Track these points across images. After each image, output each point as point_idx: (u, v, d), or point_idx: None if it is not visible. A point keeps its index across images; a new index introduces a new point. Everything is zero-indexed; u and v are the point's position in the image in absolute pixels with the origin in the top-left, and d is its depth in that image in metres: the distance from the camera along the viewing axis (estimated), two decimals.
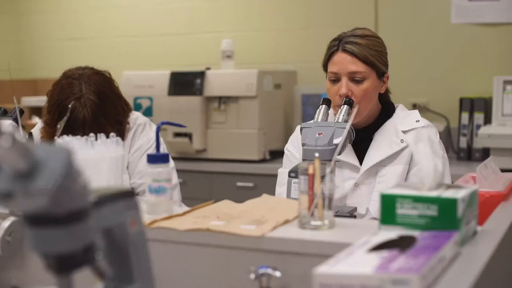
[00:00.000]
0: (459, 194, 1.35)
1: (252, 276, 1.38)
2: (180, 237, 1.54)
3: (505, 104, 3.69)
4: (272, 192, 3.87)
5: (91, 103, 2.34)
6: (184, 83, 4.14)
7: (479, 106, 3.84)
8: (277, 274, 1.38)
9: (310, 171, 1.52)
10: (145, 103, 4.16)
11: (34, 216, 1.00)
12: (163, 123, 1.79)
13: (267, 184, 3.99)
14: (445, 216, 1.33)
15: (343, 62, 2.23)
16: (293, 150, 2.41)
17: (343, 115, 2.15)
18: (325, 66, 2.33)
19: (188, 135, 4.10)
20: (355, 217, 2.09)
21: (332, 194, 1.54)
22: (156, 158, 1.68)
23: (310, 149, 2.05)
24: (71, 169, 0.96)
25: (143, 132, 2.59)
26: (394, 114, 2.34)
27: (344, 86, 2.21)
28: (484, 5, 4.01)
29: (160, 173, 1.67)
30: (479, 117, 3.84)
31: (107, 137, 1.89)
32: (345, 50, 2.24)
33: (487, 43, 4.05)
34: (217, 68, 4.35)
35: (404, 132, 2.27)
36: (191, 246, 1.54)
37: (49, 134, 2.35)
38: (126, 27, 5.04)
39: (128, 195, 1.17)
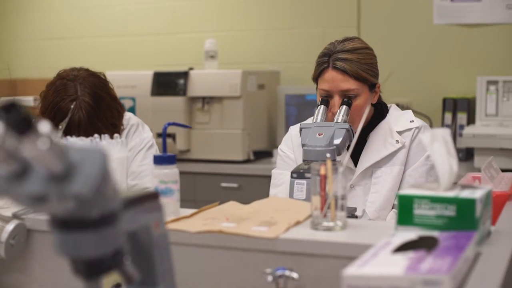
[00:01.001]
0: (476, 194, 1.35)
1: (270, 278, 1.37)
2: (191, 239, 1.52)
3: (488, 104, 3.72)
4: (257, 192, 3.88)
5: (86, 105, 2.31)
6: (167, 83, 4.11)
7: (462, 106, 3.87)
8: (294, 275, 1.37)
9: (322, 172, 1.52)
10: (128, 104, 4.12)
11: (64, 219, 0.98)
12: (169, 124, 1.77)
13: (251, 185, 3.99)
14: (463, 216, 1.33)
15: (335, 80, 2.19)
16: (287, 151, 2.39)
17: (342, 116, 2.15)
18: (315, 80, 2.29)
19: (172, 136, 4.07)
20: (356, 217, 2.09)
21: (345, 194, 1.53)
22: (162, 160, 1.66)
23: (311, 149, 2.05)
24: (106, 172, 0.94)
25: (135, 132, 2.57)
26: (387, 114, 2.34)
27: (336, 104, 2.19)
28: (466, 5, 4.04)
29: (167, 174, 1.66)
30: (462, 117, 3.86)
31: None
32: (335, 68, 2.19)
33: (470, 44, 4.08)
34: (200, 68, 4.33)
35: (399, 132, 2.27)
36: (202, 248, 1.53)
37: None
38: (108, 26, 4.99)
39: (152, 197, 1.15)
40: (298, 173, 1.97)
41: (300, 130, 2.16)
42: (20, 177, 0.93)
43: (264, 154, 4.22)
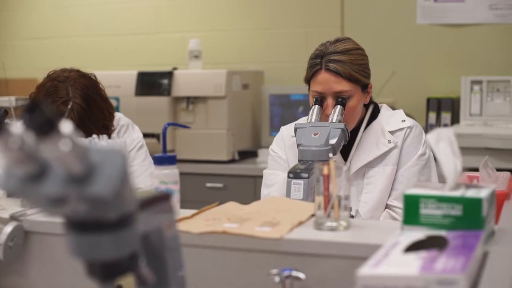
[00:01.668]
0: (482, 193, 1.36)
1: (277, 278, 1.36)
2: (194, 240, 1.51)
3: (472, 104, 3.75)
4: (242, 192, 3.89)
5: (78, 107, 2.28)
6: (152, 83, 4.09)
7: (446, 106, 3.90)
8: (301, 275, 1.37)
9: (325, 171, 1.51)
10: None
11: (80, 221, 0.97)
12: (169, 124, 1.76)
13: (236, 185, 3.98)
14: (470, 216, 1.34)
15: (328, 82, 2.18)
16: (279, 151, 2.39)
17: (337, 115, 2.14)
18: (307, 82, 2.29)
19: (156, 136, 4.05)
20: (352, 216, 2.09)
21: (348, 194, 1.53)
22: (162, 160, 1.65)
23: (306, 149, 2.05)
24: (125, 173, 0.92)
25: (126, 133, 2.55)
26: (379, 114, 2.34)
27: (330, 106, 2.18)
28: (449, 6, 4.07)
29: (167, 175, 1.64)
30: (446, 116, 3.89)
31: None
32: (328, 70, 2.18)
33: (453, 44, 4.11)
34: (184, 68, 4.31)
35: (391, 132, 2.28)
36: (206, 249, 1.52)
37: None
38: (91, 26, 4.95)
39: (164, 198, 1.14)
40: (294, 173, 1.97)
41: (295, 130, 2.15)
42: (38, 178, 0.92)
43: (249, 154, 4.21)
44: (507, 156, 3.42)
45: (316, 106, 2.20)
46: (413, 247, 1.22)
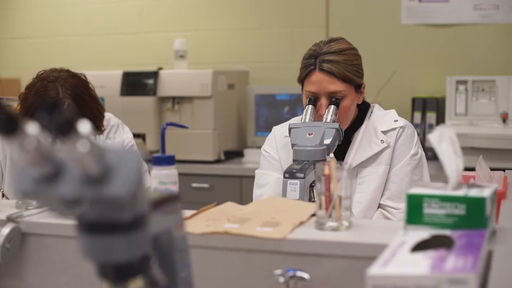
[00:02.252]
0: (485, 193, 1.37)
1: (282, 279, 1.36)
2: (196, 240, 1.50)
3: (458, 104, 3.78)
4: (228, 192, 3.88)
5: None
6: (137, 83, 4.07)
7: (431, 106, 3.92)
8: (306, 276, 1.37)
9: (326, 172, 1.51)
10: None
11: (94, 223, 0.96)
12: (167, 124, 1.75)
13: (222, 185, 3.98)
14: (473, 215, 1.34)
15: (322, 82, 2.18)
16: (271, 151, 2.38)
17: (331, 115, 2.15)
18: (300, 82, 2.28)
19: (142, 136, 4.03)
20: None
21: (349, 194, 1.53)
22: (161, 160, 1.64)
23: (301, 149, 2.05)
24: (140, 174, 0.92)
25: (116, 133, 2.54)
26: (371, 114, 2.35)
27: (324, 106, 2.19)
28: (433, 6, 4.10)
29: (166, 175, 1.64)
30: (431, 116, 3.91)
31: None
32: (322, 70, 2.18)
33: (438, 44, 4.14)
34: (168, 68, 4.30)
35: (384, 132, 2.28)
36: (207, 250, 1.51)
37: None
38: (74, 26, 4.92)
39: (173, 199, 1.13)
40: (290, 173, 1.97)
41: (289, 130, 2.15)
42: (53, 179, 0.90)
43: (235, 154, 4.21)
44: (493, 155, 3.45)
45: (310, 106, 2.20)
46: (419, 247, 1.23)
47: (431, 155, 3.85)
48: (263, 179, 2.35)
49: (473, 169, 3.40)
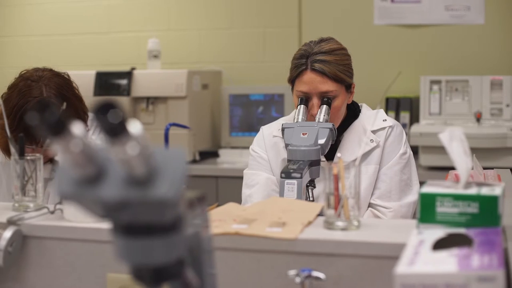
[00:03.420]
0: (496, 191, 1.39)
1: (298, 279, 1.36)
2: None
3: (432, 104, 3.82)
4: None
5: None
6: (110, 83, 4.03)
7: (405, 106, 3.96)
8: (321, 275, 1.37)
9: (335, 171, 1.52)
10: None
11: (132, 225, 0.95)
12: (171, 125, 1.74)
13: (198, 185, 3.95)
14: (486, 213, 1.36)
15: (313, 82, 2.19)
16: (260, 151, 2.38)
17: (323, 115, 2.16)
18: (291, 82, 2.28)
19: None
20: None
21: (358, 193, 1.54)
22: None
23: (296, 149, 2.05)
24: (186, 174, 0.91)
25: (100, 133, 2.50)
26: (360, 114, 2.37)
27: (315, 106, 2.19)
28: (406, 7, 4.14)
29: None
30: (405, 116, 3.95)
31: None
32: (314, 70, 2.19)
33: (410, 44, 4.18)
34: (141, 68, 4.26)
35: (373, 132, 2.30)
36: (218, 251, 1.50)
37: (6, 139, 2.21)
38: (44, 25, 4.84)
39: (200, 199, 1.12)
40: (287, 173, 1.97)
41: (283, 130, 2.15)
42: (95, 181, 0.89)
43: (210, 155, 4.19)
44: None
45: (302, 106, 2.20)
46: (437, 245, 1.24)
47: None
48: (252, 179, 2.34)
49: (451, 168, 3.45)
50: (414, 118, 3.95)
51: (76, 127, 0.86)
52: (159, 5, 4.63)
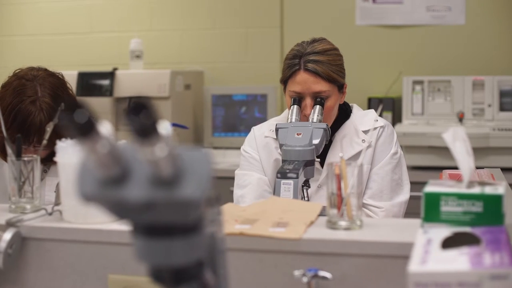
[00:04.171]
0: (499, 190, 1.40)
1: (305, 279, 1.36)
2: None
3: (414, 104, 3.86)
4: None
5: (47, 106, 2.20)
6: (93, 83, 4.01)
7: (387, 106, 3.99)
8: (328, 275, 1.38)
9: (337, 171, 1.53)
10: None
11: (153, 225, 0.94)
12: (172, 125, 1.73)
13: None
14: (490, 212, 1.37)
15: (307, 82, 2.20)
16: (252, 151, 2.38)
17: (317, 115, 2.16)
18: (284, 82, 2.29)
19: None
20: None
21: (361, 193, 1.55)
22: None
23: (290, 149, 2.06)
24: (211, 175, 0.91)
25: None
26: (351, 114, 2.38)
27: (309, 106, 2.20)
28: (388, 7, 4.17)
29: None
30: (387, 116, 3.98)
31: None
32: (307, 70, 2.20)
33: (392, 45, 4.21)
34: (123, 68, 4.24)
35: (365, 132, 2.31)
36: None
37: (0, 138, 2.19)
38: (23, 25, 4.79)
39: (215, 200, 1.12)
40: (283, 173, 1.97)
41: (277, 130, 2.16)
42: (119, 181, 0.88)
43: None
44: (450, 154, 3.53)
45: (295, 106, 2.21)
46: (454, 244, 1.25)
47: None
48: (244, 180, 2.34)
49: (434, 168, 3.48)
50: (397, 118, 3.97)
51: (104, 127, 0.86)
52: (140, 5, 4.61)
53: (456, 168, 2.26)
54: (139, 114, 0.80)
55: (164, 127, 0.83)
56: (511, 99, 3.73)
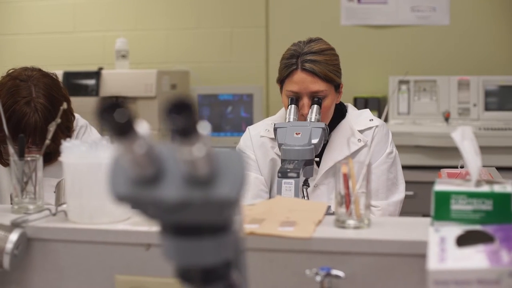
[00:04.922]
0: (508, 188, 1.42)
1: (318, 278, 1.37)
2: None
3: (400, 103, 3.88)
4: None
5: (42, 107, 2.18)
6: (79, 83, 3.98)
7: (373, 105, 4.01)
8: (341, 274, 1.38)
9: (345, 170, 1.54)
10: None
11: (183, 225, 0.94)
12: None
13: None
14: (500, 210, 1.39)
15: (304, 82, 2.21)
16: (248, 151, 2.38)
17: (315, 115, 2.17)
18: (281, 82, 2.29)
19: None
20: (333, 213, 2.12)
21: (370, 192, 1.56)
22: None
23: (290, 149, 2.06)
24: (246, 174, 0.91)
25: (84, 134, 2.47)
26: (347, 113, 2.39)
27: (306, 106, 2.21)
28: (372, 7, 4.20)
29: None
30: None
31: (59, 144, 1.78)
32: (305, 69, 2.21)
33: (377, 45, 4.24)
34: (108, 68, 4.22)
35: (360, 131, 2.33)
36: None
37: None
38: (6, 24, 4.74)
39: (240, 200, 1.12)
40: (284, 173, 1.98)
41: (275, 130, 2.16)
42: (153, 182, 0.88)
43: None
44: (437, 153, 3.57)
45: (293, 105, 2.21)
46: (468, 242, 1.26)
47: None
48: None
49: (421, 167, 3.51)
50: (383, 118, 3.99)
51: (141, 127, 0.85)
52: (125, 4, 4.59)
53: (443, 167, 2.29)
54: (180, 115, 0.80)
55: (203, 128, 0.83)
56: (496, 99, 3.77)
